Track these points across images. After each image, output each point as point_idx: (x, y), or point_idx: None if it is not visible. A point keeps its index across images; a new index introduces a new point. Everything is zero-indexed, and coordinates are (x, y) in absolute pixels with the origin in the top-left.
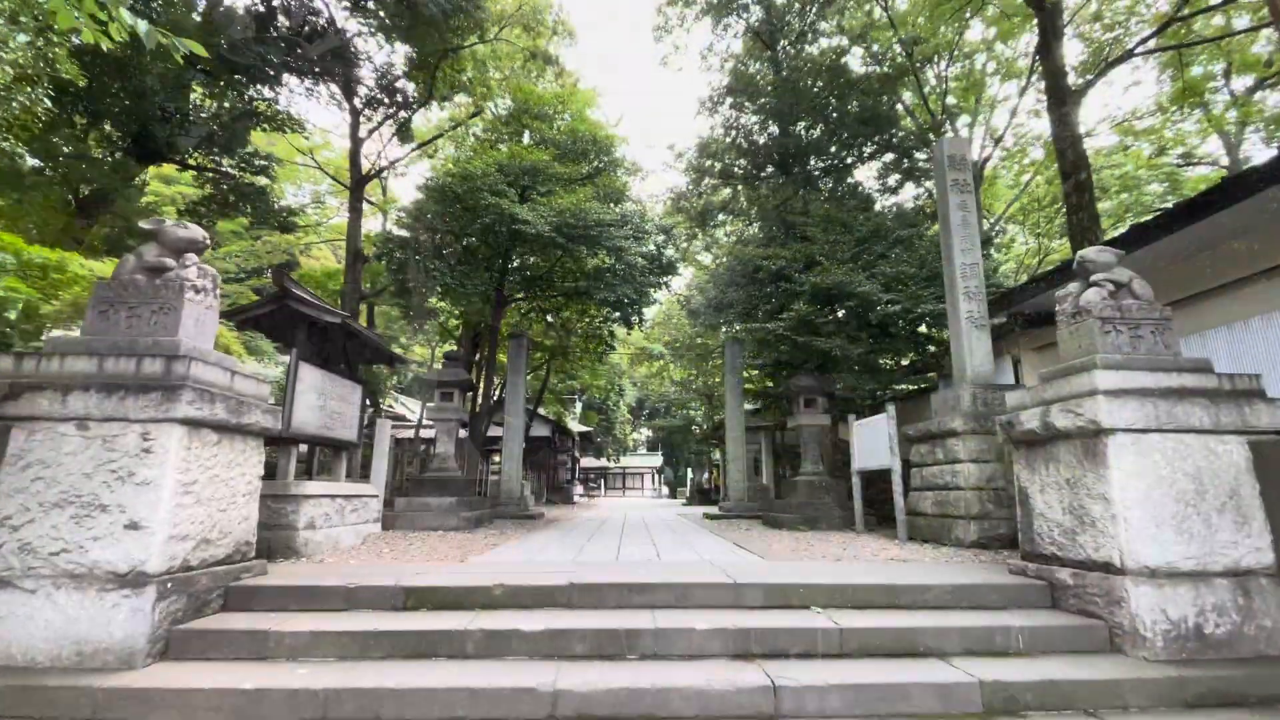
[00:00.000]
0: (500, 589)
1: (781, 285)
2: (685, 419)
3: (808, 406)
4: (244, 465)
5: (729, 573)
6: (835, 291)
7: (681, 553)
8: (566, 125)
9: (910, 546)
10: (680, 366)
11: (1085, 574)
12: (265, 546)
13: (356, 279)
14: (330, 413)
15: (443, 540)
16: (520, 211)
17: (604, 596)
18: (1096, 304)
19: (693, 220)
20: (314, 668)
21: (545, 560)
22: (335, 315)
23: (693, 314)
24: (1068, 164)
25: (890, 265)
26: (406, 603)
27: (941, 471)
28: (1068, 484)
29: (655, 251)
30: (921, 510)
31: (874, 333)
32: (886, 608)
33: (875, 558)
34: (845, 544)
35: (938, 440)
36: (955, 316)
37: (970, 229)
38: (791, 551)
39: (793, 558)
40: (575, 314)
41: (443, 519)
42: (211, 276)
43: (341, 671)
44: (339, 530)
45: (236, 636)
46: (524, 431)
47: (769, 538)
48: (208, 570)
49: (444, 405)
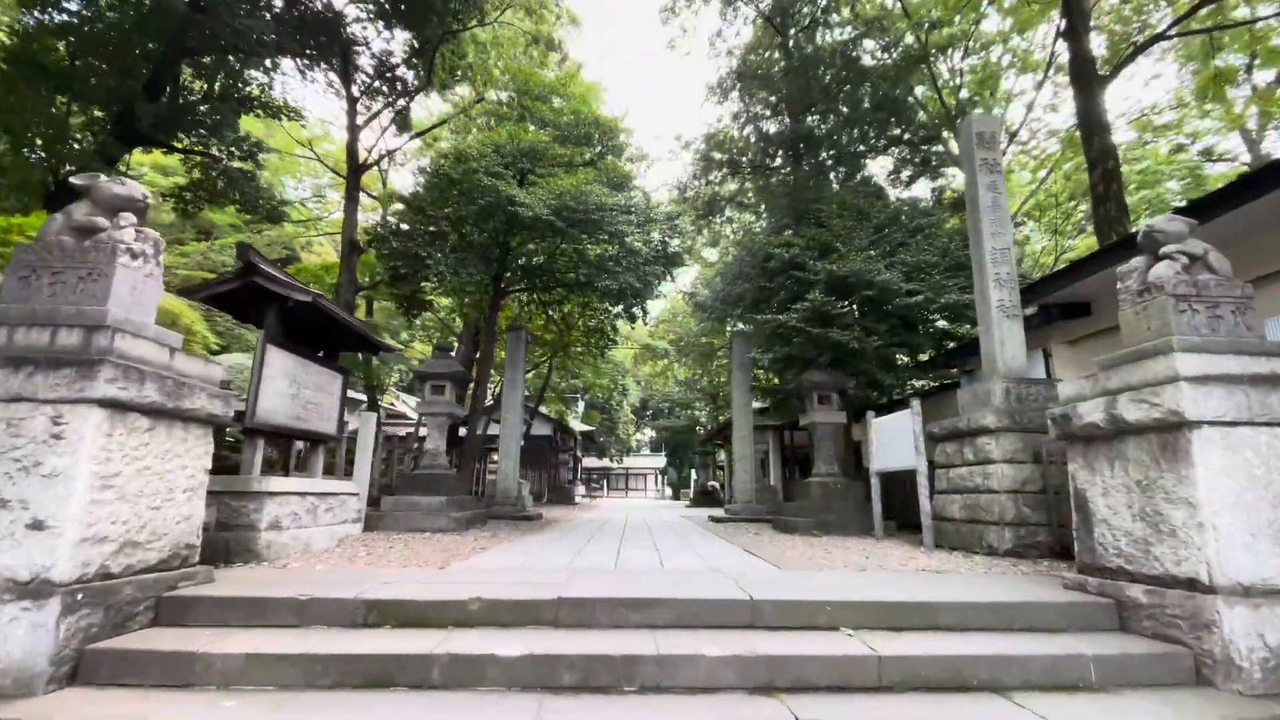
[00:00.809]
0: (477, 603)
1: (794, 275)
2: (689, 419)
3: (822, 403)
4: (185, 457)
5: (742, 585)
6: (853, 280)
7: (686, 559)
8: (568, 107)
9: (939, 555)
10: (685, 365)
11: (1163, 592)
12: (222, 549)
13: (352, 271)
14: (304, 402)
15: (428, 542)
16: (517, 194)
17: (597, 613)
18: (1169, 279)
19: (699, 211)
20: (244, 700)
21: (535, 567)
22: (306, 293)
23: (699, 307)
24: (1094, 152)
25: (910, 254)
26: (368, 618)
27: (971, 473)
28: (1139, 486)
29: (660, 240)
30: (948, 515)
31: (893, 325)
32: (928, 629)
33: (903, 567)
34: (866, 551)
35: (966, 439)
36: (985, 305)
37: (1001, 211)
38: (808, 560)
39: (811, 567)
40: (577, 307)
41: (431, 520)
42: (153, 241)
43: (276, 706)
44: (310, 531)
45: (159, 659)
46: (522, 429)
47: (781, 543)
48: (134, 578)
49: (434, 399)
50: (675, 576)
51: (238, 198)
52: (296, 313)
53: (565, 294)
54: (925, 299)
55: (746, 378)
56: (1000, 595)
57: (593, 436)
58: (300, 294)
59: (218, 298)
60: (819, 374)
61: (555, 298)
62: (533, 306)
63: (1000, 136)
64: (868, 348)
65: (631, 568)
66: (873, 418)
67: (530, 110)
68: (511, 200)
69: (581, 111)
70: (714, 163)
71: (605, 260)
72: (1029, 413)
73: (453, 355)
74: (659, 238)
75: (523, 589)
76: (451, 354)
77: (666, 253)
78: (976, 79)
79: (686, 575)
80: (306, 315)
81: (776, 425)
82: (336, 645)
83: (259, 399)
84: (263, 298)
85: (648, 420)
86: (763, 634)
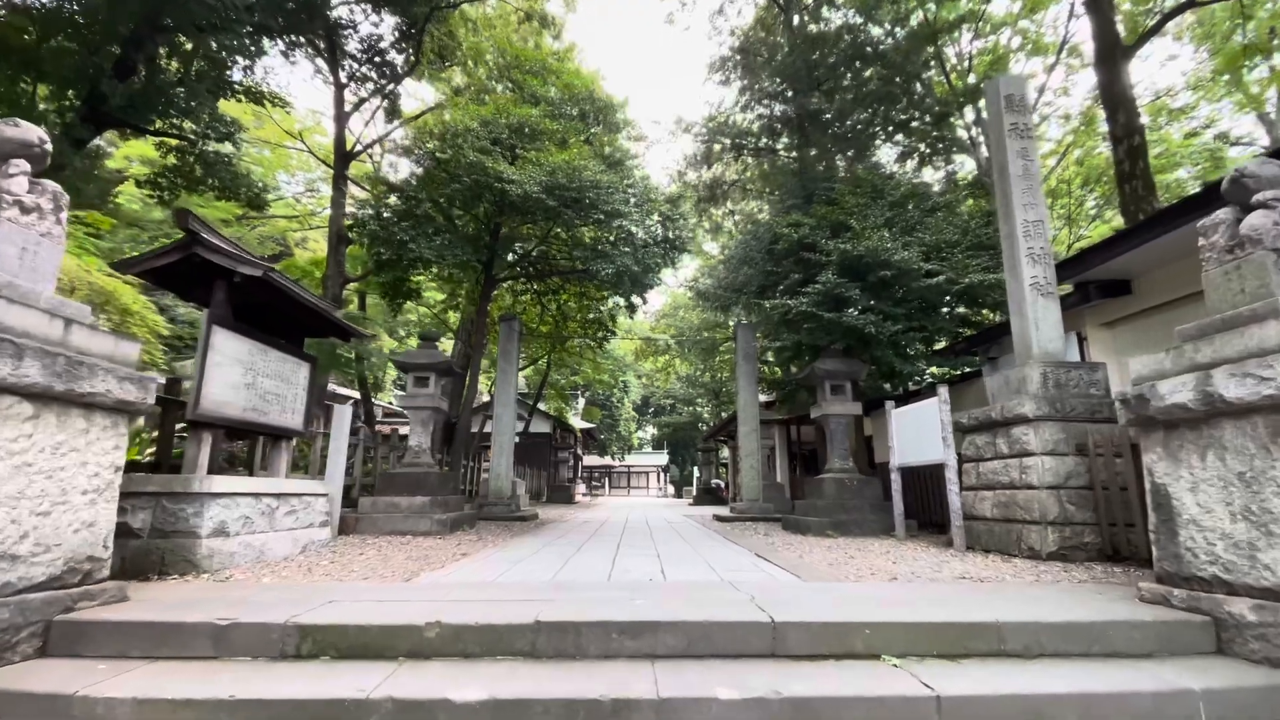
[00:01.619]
0: (437, 629)
1: (804, 256)
2: (691, 416)
3: (835, 393)
4: (86, 452)
5: (760, 601)
6: (868, 260)
7: (692, 568)
8: (560, 82)
9: (973, 558)
10: (687, 360)
11: (1277, 607)
12: (157, 560)
13: (340, 262)
14: (263, 393)
15: (404, 547)
16: (505, 170)
17: (585, 641)
18: (1269, 231)
19: (700, 196)
20: None
21: (517, 580)
22: (255, 266)
23: (702, 296)
24: (1119, 127)
25: (928, 232)
26: (300, 648)
27: (1005, 467)
28: (1240, 480)
29: (661, 221)
30: (979, 513)
31: (911, 309)
32: (992, 656)
33: (938, 574)
34: (891, 555)
35: (1000, 429)
36: (1017, 283)
37: (1033, 180)
38: (829, 566)
39: (834, 575)
40: (573, 298)
41: (413, 522)
42: (51, 194)
43: None
44: (266, 538)
45: (30, 702)
46: (516, 425)
47: (795, 546)
48: (12, 599)
49: (417, 392)
50: (680, 591)
51: (216, 183)
52: (249, 291)
53: (561, 283)
54: (946, 280)
55: (752, 369)
56: (1071, 612)
57: (593, 434)
58: (248, 267)
59: (157, 273)
60: (832, 361)
61: (550, 287)
62: (527, 297)
63: (1030, 99)
64: (884, 333)
65: (629, 580)
66: (892, 408)
67: (521, 86)
68: (499, 176)
69: (575, 86)
70: (716, 145)
71: (601, 242)
72: (1070, 400)
73: (438, 345)
74: (659, 220)
75: (496, 608)
76: (436, 343)
77: (667, 236)
78: (986, 62)
79: (693, 589)
80: (262, 294)
81: (782, 420)
82: (254, 685)
83: (204, 388)
84: (208, 272)
85: (649, 417)
86: (788, 666)
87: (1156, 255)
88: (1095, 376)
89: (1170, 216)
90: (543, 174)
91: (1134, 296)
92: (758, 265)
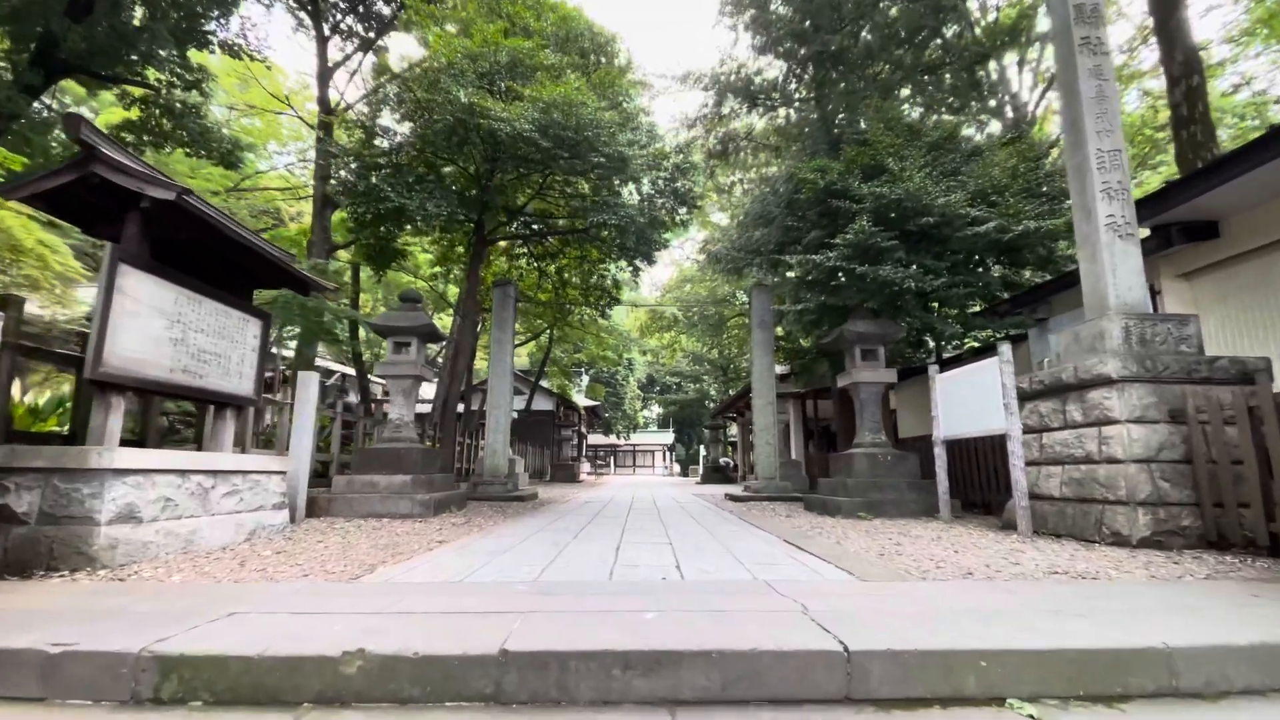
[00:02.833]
0: (359, 663)
1: (833, 205)
2: (698, 393)
3: (866, 359)
4: None
5: (815, 613)
6: (908, 206)
7: (714, 560)
8: (556, 16)
9: (1046, 545)
10: (693, 336)
11: None
12: (45, 553)
13: (325, 227)
14: (196, 351)
15: (374, 533)
16: (494, 107)
17: (572, 679)
18: None
19: (711, 151)
20: None
21: (494, 578)
22: (168, 188)
23: (714, 260)
24: (1176, 66)
25: (972, 177)
26: (160, 690)
27: (1079, 438)
28: None
29: (671, 170)
30: (1044, 492)
31: (955, 262)
32: (1160, 698)
33: (1018, 568)
34: (945, 540)
35: (1072, 394)
36: (1090, 224)
37: (1109, 103)
38: (880, 557)
39: (892, 570)
40: (573, 262)
41: (392, 503)
42: None
43: None
44: (197, 524)
45: None
46: (512, 399)
47: (827, 529)
48: None
49: (397, 359)
50: (704, 596)
51: (185, 137)
52: (174, 226)
53: (560, 246)
54: (996, 227)
55: (768, 337)
56: (1255, 629)
57: (598, 412)
58: (158, 189)
59: (52, 200)
60: (863, 323)
61: (549, 250)
62: (524, 262)
63: (1102, 9)
64: (926, 289)
65: (636, 578)
66: (936, 373)
67: (514, 19)
68: (485, 113)
69: (572, 22)
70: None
71: (603, 192)
72: (1160, 358)
73: (420, 306)
74: (667, 172)
75: (453, 627)
76: (419, 304)
77: (676, 190)
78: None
79: (720, 593)
80: (191, 231)
81: (798, 393)
82: None
83: (109, 341)
84: (115, 199)
85: (655, 395)
86: (874, 716)
87: (1256, 189)
88: (1186, 331)
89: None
90: (535, 111)
91: (1223, 240)
92: (777, 221)
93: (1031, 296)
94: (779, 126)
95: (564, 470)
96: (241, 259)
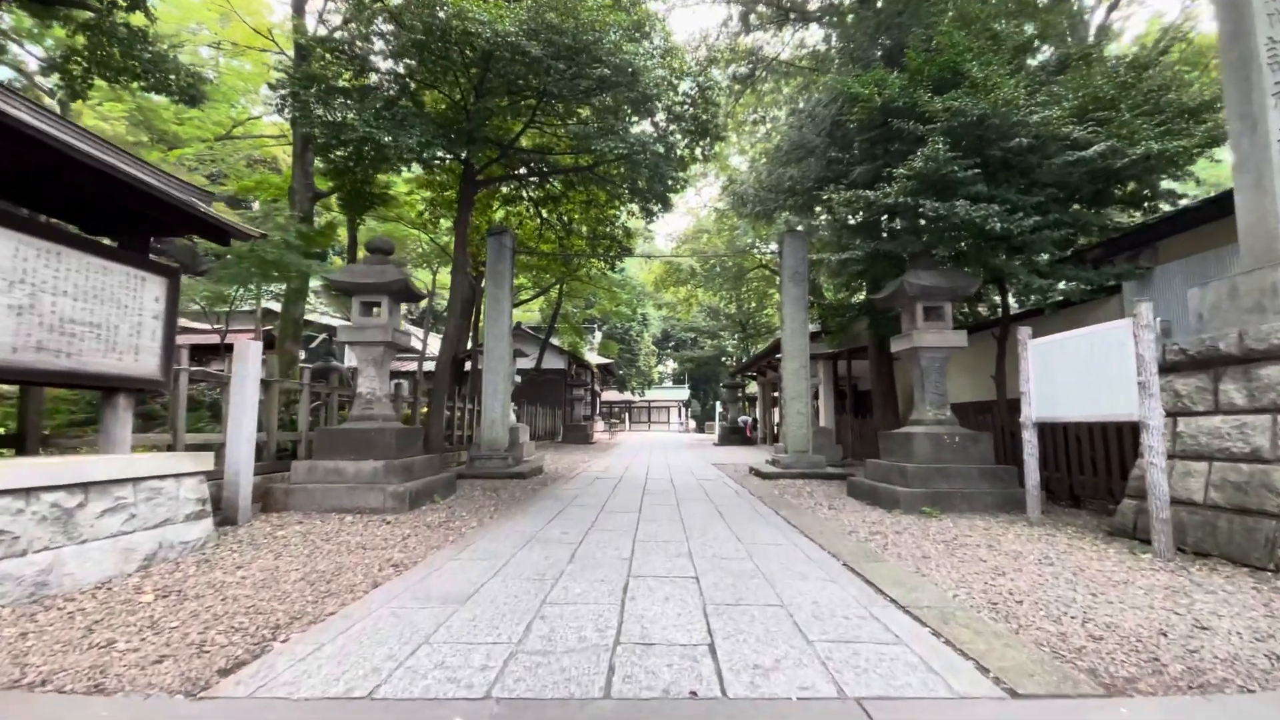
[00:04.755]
0: None
1: (894, 126)
2: (715, 349)
3: (930, 318)
4: None
5: None
6: (994, 123)
7: (764, 632)
8: None
9: (1204, 575)
10: (710, 290)
11: None
12: None
13: (307, 172)
14: (58, 321)
15: (323, 545)
16: (471, 6)
17: None
18: None
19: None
20: None
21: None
22: None
23: (739, 201)
24: None
25: (1073, 87)
26: None
27: (1241, 428)
28: None
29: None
30: (1187, 497)
31: (1051, 195)
32: None
33: (1206, 633)
34: (1053, 557)
35: (1231, 368)
36: (1255, 139)
37: None
38: (991, 606)
39: (1045, 664)
40: (578, 207)
41: (359, 495)
42: None
43: None
44: (57, 556)
45: None
46: (512, 361)
47: (889, 534)
48: None
49: (364, 322)
50: None
51: (138, 68)
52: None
53: (563, 189)
54: (1108, 149)
55: (802, 292)
56: None
57: (611, 369)
58: None
59: None
60: (927, 274)
61: (551, 193)
62: (522, 208)
63: None
64: (1012, 230)
65: (646, 685)
66: (1028, 337)
67: None
68: (464, 14)
69: None
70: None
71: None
72: None
73: (390, 259)
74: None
75: None
76: (389, 256)
77: (697, 116)
78: None
79: None
80: (24, 156)
81: (829, 354)
82: None
83: None
84: None
85: (670, 351)
86: None
87: None
88: None
89: None
90: (524, 11)
91: None
92: (818, 153)
93: (1131, 240)
94: (813, 51)
95: (577, 431)
96: (126, 199)
